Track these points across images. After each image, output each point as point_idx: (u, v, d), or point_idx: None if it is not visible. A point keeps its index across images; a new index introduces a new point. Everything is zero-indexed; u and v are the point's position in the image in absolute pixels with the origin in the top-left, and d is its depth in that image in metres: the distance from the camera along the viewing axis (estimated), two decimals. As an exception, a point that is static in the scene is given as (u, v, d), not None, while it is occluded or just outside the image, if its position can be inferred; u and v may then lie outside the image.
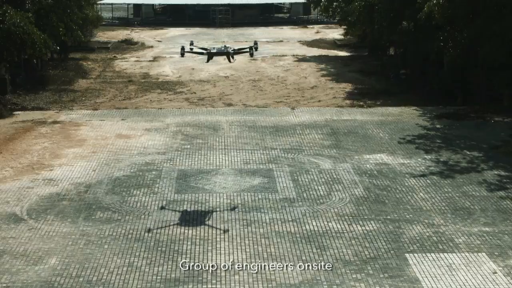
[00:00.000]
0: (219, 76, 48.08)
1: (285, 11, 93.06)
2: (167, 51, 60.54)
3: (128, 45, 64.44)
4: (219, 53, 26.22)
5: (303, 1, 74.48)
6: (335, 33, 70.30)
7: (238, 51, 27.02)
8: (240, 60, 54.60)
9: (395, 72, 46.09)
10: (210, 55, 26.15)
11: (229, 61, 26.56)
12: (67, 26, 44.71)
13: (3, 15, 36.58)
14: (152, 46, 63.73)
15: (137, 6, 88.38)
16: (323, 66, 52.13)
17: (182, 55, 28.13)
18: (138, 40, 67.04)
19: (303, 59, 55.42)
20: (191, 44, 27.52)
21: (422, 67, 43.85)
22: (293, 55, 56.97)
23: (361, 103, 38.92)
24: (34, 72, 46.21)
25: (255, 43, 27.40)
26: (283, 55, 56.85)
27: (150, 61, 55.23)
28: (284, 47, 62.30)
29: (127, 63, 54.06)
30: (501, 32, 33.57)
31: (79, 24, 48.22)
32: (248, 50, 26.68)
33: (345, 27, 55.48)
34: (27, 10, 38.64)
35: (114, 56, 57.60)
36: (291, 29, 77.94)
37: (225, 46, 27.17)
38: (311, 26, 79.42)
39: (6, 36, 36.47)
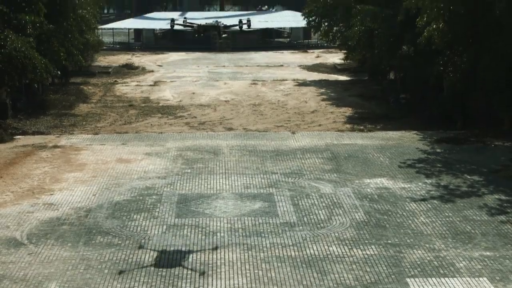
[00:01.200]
0: (219, 100, 48.18)
1: (286, 35, 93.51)
2: (168, 75, 60.73)
3: (129, 69, 64.71)
4: (209, 26, 26.89)
5: (303, 26, 74.81)
6: (335, 57, 70.58)
7: (229, 26, 27.81)
8: (241, 84, 54.87)
9: (395, 96, 46.20)
10: (200, 28, 26.73)
11: (219, 36, 27.65)
12: (68, 51, 44.90)
13: (4, 39, 36.76)
14: (152, 71, 63.95)
15: (137, 31, 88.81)
16: (323, 90, 52.28)
17: (172, 27, 29.78)
18: (138, 65, 67.32)
19: (304, 83, 55.60)
20: (185, 19, 28.66)
21: (422, 92, 43.94)
22: (294, 80, 57.16)
23: (362, 127, 38.96)
24: (35, 97, 46.35)
25: (248, 20, 28.18)
26: (283, 80, 57.04)
27: (150, 85, 55.38)
28: (284, 72, 62.52)
29: (127, 88, 54.21)
30: (500, 52, 33.74)
31: (80, 48, 48.43)
32: (238, 24, 27.39)
33: (345, 51, 55.77)
34: (28, 35, 38.76)
35: (115, 81, 57.78)
36: (291, 53, 78.27)
37: (216, 21, 27.90)
38: (311, 51, 79.80)
39: (7, 61, 36.62)
